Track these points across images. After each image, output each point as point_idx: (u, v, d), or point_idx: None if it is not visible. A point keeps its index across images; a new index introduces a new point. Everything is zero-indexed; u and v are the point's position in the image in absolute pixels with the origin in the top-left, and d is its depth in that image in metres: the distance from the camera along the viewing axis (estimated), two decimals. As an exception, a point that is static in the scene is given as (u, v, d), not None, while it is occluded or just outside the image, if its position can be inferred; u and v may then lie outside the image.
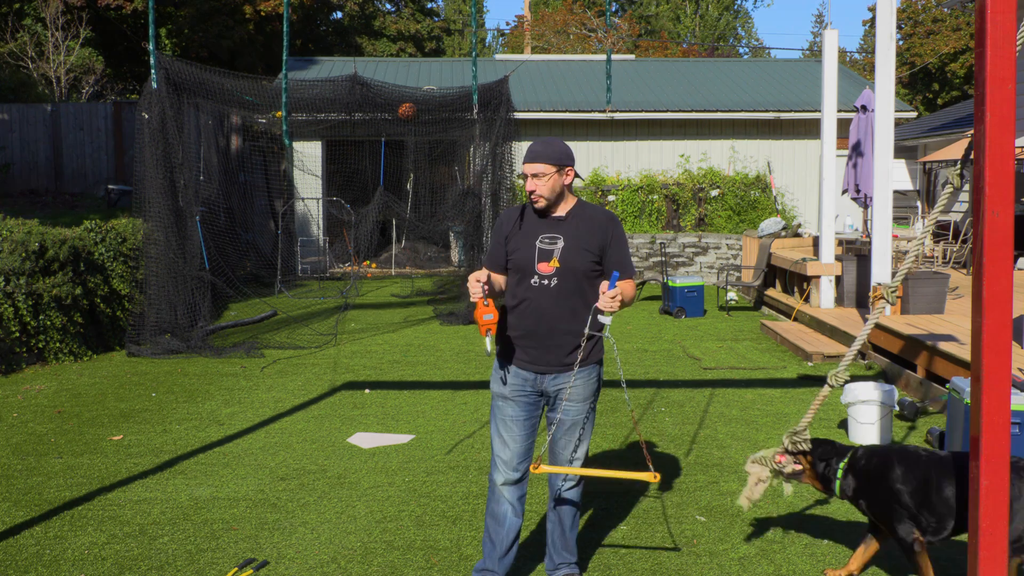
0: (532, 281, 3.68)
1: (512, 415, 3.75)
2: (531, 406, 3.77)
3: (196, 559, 4.27)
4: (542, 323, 3.67)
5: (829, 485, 3.98)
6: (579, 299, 3.67)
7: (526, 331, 3.70)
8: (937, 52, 30.63)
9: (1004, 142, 2.82)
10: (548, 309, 3.66)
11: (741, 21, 45.61)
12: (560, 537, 3.90)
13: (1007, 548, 3.03)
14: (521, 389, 3.74)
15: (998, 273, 2.85)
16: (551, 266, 3.66)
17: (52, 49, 23.91)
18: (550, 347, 3.68)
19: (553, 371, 3.71)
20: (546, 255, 3.67)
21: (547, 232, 3.70)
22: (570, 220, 3.71)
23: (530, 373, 3.73)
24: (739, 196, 16.20)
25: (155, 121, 10.37)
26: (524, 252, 3.70)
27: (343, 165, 16.69)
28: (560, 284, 3.65)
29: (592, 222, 3.71)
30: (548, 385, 3.74)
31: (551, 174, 3.63)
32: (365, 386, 7.82)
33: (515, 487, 3.78)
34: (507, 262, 3.76)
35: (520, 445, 3.75)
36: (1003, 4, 2.81)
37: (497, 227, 3.85)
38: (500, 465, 3.78)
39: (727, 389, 7.68)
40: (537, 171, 3.63)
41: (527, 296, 3.69)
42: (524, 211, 3.80)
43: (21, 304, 8.29)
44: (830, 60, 10.61)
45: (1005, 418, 2.89)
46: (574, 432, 3.77)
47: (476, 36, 14.40)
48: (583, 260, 3.66)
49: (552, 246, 3.67)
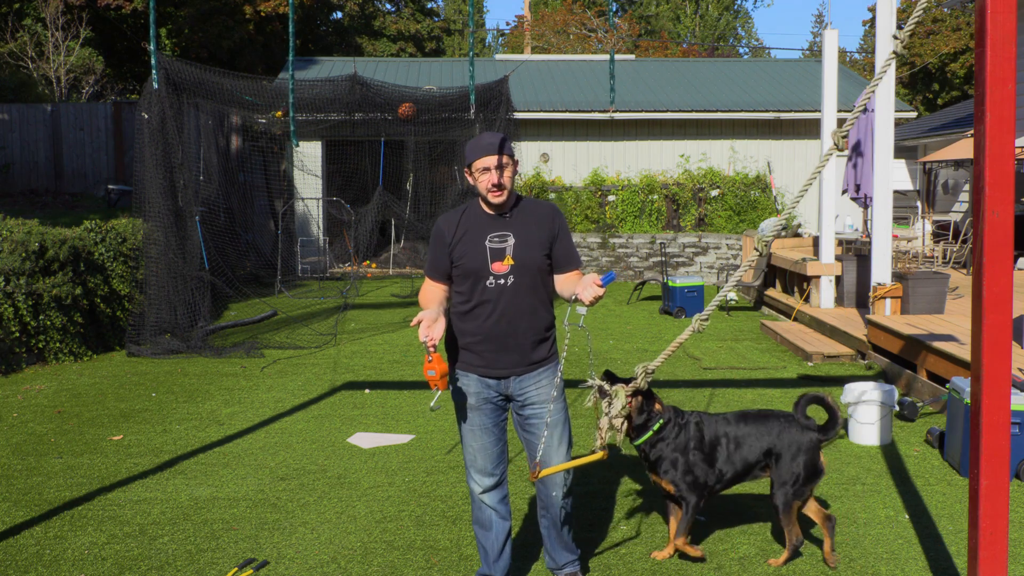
0: (488, 283, 3.58)
1: (480, 424, 3.68)
2: (497, 411, 3.70)
3: (196, 559, 4.27)
4: (501, 323, 3.58)
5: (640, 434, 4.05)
6: (535, 296, 3.61)
7: (485, 335, 3.60)
8: (937, 52, 30.62)
9: (1004, 142, 2.82)
10: (507, 309, 3.58)
11: (741, 21, 45.63)
12: (557, 538, 3.85)
13: (1006, 549, 3.03)
14: (485, 397, 3.67)
15: (998, 273, 2.85)
16: (505, 264, 3.57)
17: (52, 49, 23.91)
18: (511, 348, 3.60)
19: (515, 373, 3.64)
20: (498, 254, 3.58)
21: (495, 231, 3.61)
22: (516, 216, 3.64)
23: (492, 379, 3.65)
24: (739, 196, 16.20)
25: (155, 121, 10.37)
26: (474, 255, 3.59)
27: (343, 165, 16.69)
28: (517, 281, 3.58)
29: (537, 216, 3.66)
30: (513, 389, 3.66)
31: (512, 165, 3.59)
32: (365, 386, 7.82)
33: (494, 492, 3.73)
34: (452, 269, 3.64)
35: (491, 451, 3.69)
36: (1003, 4, 2.81)
37: (437, 235, 3.68)
38: (475, 474, 3.73)
39: (727, 389, 7.67)
40: (499, 162, 3.54)
41: (484, 299, 3.59)
42: (464, 214, 3.68)
43: (21, 304, 8.29)
44: (830, 60, 10.61)
45: (1005, 418, 2.90)
46: (553, 433, 3.68)
47: (473, 36, 14.41)
48: (536, 255, 3.60)
49: (503, 244, 3.59)
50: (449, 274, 3.66)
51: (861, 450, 5.94)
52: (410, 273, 16.14)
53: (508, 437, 3.87)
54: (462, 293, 3.64)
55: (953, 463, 5.54)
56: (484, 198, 3.63)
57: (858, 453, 5.87)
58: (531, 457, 3.76)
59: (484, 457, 3.70)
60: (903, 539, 4.47)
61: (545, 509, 3.81)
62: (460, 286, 3.65)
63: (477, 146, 3.59)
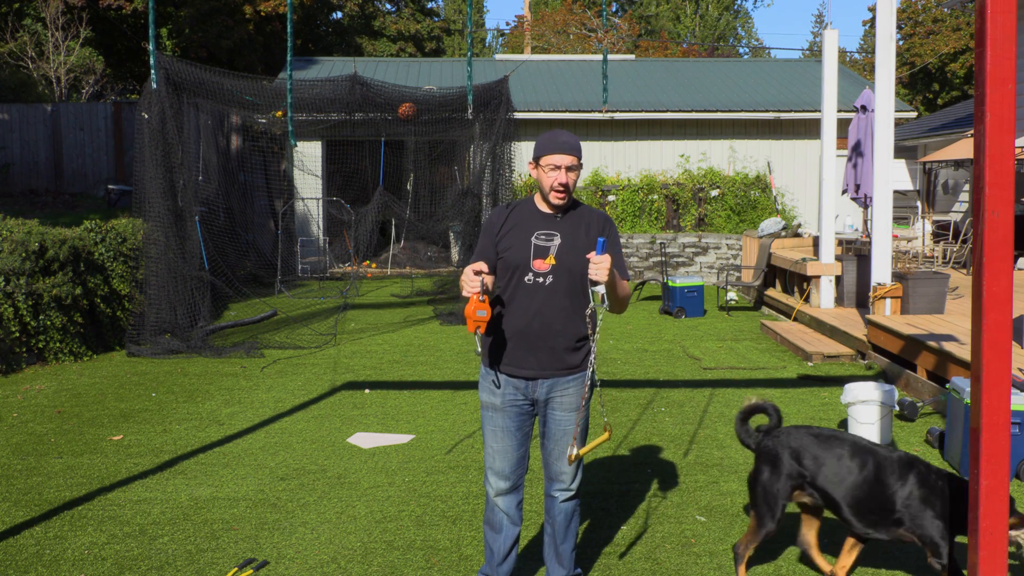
0: (526, 279, 3.54)
1: (503, 426, 3.62)
2: (523, 416, 3.63)
3: (196, 559, 4.26)
4: (534, 322, 3.52)
5: None
6: (573, 300, 3.53)
7: (516, 331, 3.54)
8: (937, 52, 30.62)
9: (1004, 142, 2.82)
10: (541, 308, 3.52)
11: (741, 21, 45.62)
12: (552, 550, 3.76)
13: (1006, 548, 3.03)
14: (512, 399, 3.60)
15: (998, 273, 2.85)
16: (547, 263, 3.52)
17: (52, 49, 23.91)
18: (540, 349, 3.53)
19: (544, 376, 3.56)
20: (542, 252, 3.54)
21: (543, 229, 3.57)
22: (567, 218, 3.61)
23: (521, 381, 3.58)
24: (739, 196, 16.20)
25: (155, 121, 10.37)
26: (519, 249, 3.56)
27: (343, 165, 16.69)
28: (555, 283, 3.52)
29: (588, 222, 3.61)
30: (539, 392, 3.59)
31: (578, 167, 3.56)
32: (365, 386, 7.82)
33: (509, 496, 3.67)
34: (498, 260, 3.60)
35: (512, 456, 3.63)
36: (1003, 4, 2.81)
37: (487, 225, 3.68)
38: (491, 476, 3.67)
39: (727, 389, 7.67)
40: (572, 163, 3.51)
41: (519, 294, 3.55)
42: (516, 208, 3.67)
43: (21, 304, 8.29)
44: (830, 60, 10.61)
45: (1005, 418, 2.89)
46: (565, 443, 3.60)
47: (472, 36, 14.40)
48: (579, 259, 3.51)
49: (549, 243, 3.55)
50: (494, 265, 3.61)
51: (861, 450, 5.93)
52: (410, 273, 16.14)
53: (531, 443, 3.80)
54: (500, 287, 3.61)
55: (953, 463, 5.54)
56: (545, 195, 3.59)
57: (858, 453, 5.87)
58: (543, 464, 3.71)
59: (503, 460, 3.63)
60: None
61: (549, 515, 3.75)
62: (500, 279, 3.61)
63: (553, 142, 3.54)
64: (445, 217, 14.94)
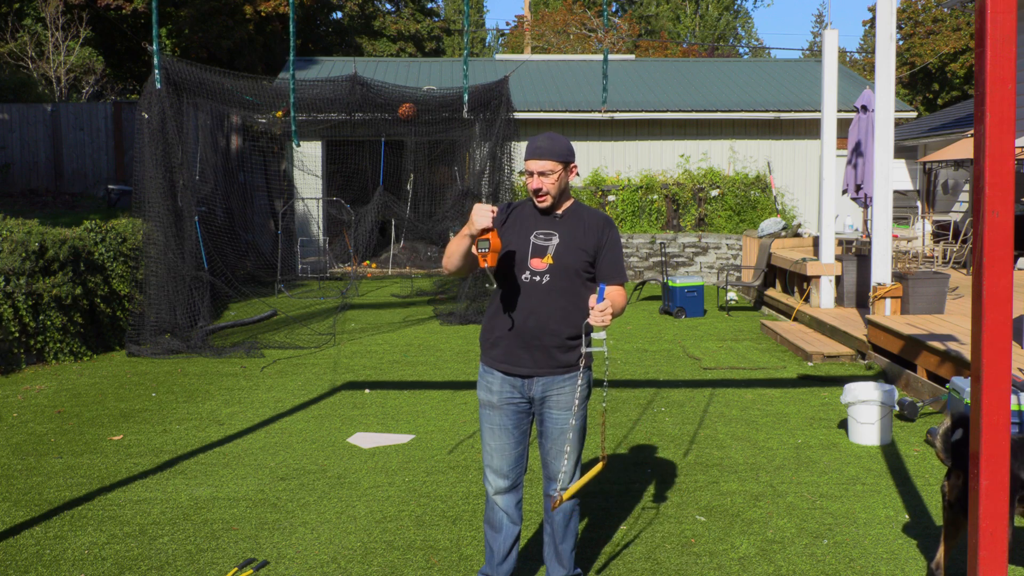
0: (523, 277, 3.55)
1: (500, 424, 3.63)
2: (520, 414, 3.64)
3: (196, 559, 4.26)
4: (529, 320, 3.53)
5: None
6: (569, 300, 3.54)
7: (511, 329, 3.56)
8: (937, 52, 30.62)
9: (1004, 142, 2.82)
10: (537, 307, 3.53)
11: (741, 21, 45.62)
12: (552, 549, 3.76)
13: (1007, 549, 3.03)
14: (509, 397, 3.61)
15: (998, 273, 2.85)
16: (544, 262, 3.54)
17: (52, 49, 23.91)
18: (536, 347, 3.54)
19: (539, 374, 3.57)
20: (540, 251, 3.56)
21: (543, 228, 3.59)
22: (567, 218, 3.61)
23: (517, 379, 3.59)
24: (739, 196, 16.20)
25: (155, 121, 10.36)
26: (517, 246, 3.58)
27: (343, 165, 16.68)
28: (552, 282, 3.53)
29: (588, 222, 3.61)
30: (535, 391, 3.60)
31: (558, 171, 3.53)
32: (365, 386, 7.82)
33: (508, 495, 3.68)
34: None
35: (510, 454, 3.64)
36: (1003, 4, 2.81)
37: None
38: (490, 475, 3.68)
39: (727, 389, 7.67)
40: (544, 168, 3.50)
41: (515, 292, 3.56)
42: (517, 207, 3.70)
43: (21, 304, 8.29)
44: (830, 60, 10.61)
45: (1005, 418, 2.89)
46: (563, 441, 3.61)
47: (469, 36, 14.38)
48: (577, 259, 3.54)
49: (547, 242, 3.56)
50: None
51: (861, 450, 5.94)
52: (410, 273, 16.14)
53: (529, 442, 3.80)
54: (497, 283, 3.63)
55: (953, 463, 5.54)
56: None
57: (858, 453, 5.87)
58: (541, 463, 3.72)
59: (500, 458, 3.64)
60: (903, 539, 4.47)
61: (548, 515, 3.75)
62: (497, 277, 3.63)
63: (529, 147, 3.56)
64: (445, 217, 14.92)
